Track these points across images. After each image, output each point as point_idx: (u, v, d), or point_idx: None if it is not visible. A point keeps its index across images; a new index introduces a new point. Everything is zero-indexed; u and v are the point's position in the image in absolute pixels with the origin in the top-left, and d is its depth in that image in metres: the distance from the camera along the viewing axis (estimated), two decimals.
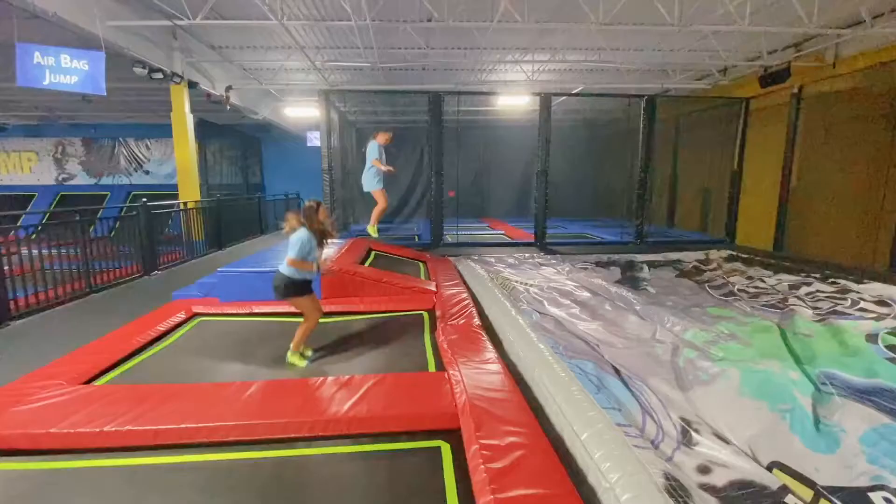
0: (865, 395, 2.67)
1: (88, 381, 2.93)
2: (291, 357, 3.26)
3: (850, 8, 6.24)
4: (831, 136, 7.91)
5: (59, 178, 15.68)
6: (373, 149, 5.75)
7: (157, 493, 1.98)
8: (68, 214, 5.33)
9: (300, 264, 3.22)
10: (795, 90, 8.18)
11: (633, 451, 1.99)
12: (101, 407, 2.47)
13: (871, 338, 3.48)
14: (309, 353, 3.43)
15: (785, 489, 1.98)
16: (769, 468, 2.20)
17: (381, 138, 5.86)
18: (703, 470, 2.12)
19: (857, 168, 7.47)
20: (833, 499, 2.01)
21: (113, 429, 2.28)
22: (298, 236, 3.22)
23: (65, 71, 5.14)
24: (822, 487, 2.07)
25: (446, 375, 2.86)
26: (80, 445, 2.26)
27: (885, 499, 1.99)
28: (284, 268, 3.24)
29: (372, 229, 7.03)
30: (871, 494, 2.02)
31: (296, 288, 3.29)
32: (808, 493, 2.06)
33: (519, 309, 4.18)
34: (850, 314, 4.08)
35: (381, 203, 6.06)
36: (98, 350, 3.31)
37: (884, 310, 4.17)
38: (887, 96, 7.03)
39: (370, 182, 5.81)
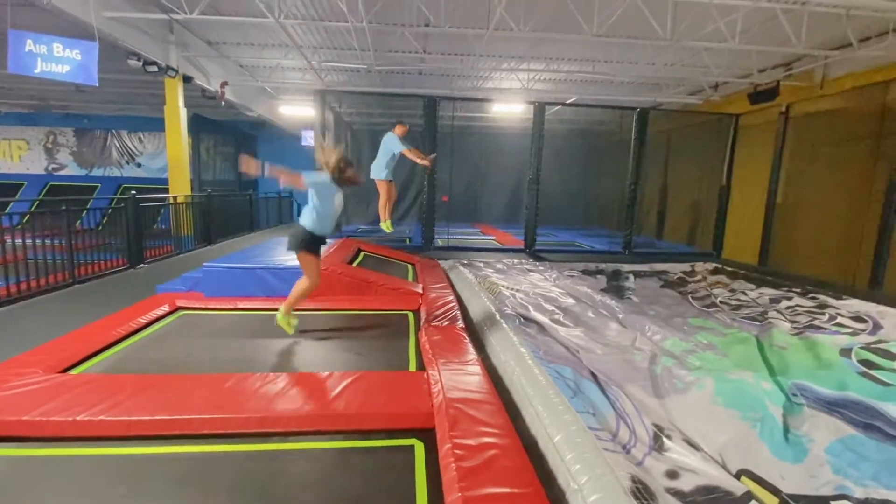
0: (835, 406, 2.72)
1: (65, 371, 2.91)
2: (281, 319, 3.27)
3: (837, 30, 6.41)
4: (817, 154, 8.08)
5: (49, 168, 15.53)
6: (394, 140, 5.69)
7: (128, 483, 1.96)
8: (55, 205, 5.28)
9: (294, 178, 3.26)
10: (783, 109, 8.35)
11: (602, 454, 2.01)
12: (75, 396, 2.45)
13: (845, 352, 3.55)
14: (295, 321, 3.53)
15: (749, 495, 2.02)
16: (737, 475, 2.24)
17: (400, 130, 5.80)
18: (672, 475, 2.15)
19: (841, 187, 7.63)
20: None
21: (86, 418, 2.26)
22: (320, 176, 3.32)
23: (57, 60, 5.12)
24: (787, 495, 2.12)
25: (425, 375, 2.87)
26: (51, 433, 2.24)
27: None
28: (304, 220, 3.32)
29: (385, 225, 6.44)
30: (833, 503, 2.07)
31: (309, 243, 3.31)
32: (773, 501, 2.10)
33: (503, 313, 4.21)
34: (827, 329, 4.16)
35: (384, 195, 5.85)
36: (76, 340, 3.28)
37: (860, 325, 4.26)
38: (872, 118, 7.20)
39: (378, 170, 5.68)
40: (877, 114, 7.15)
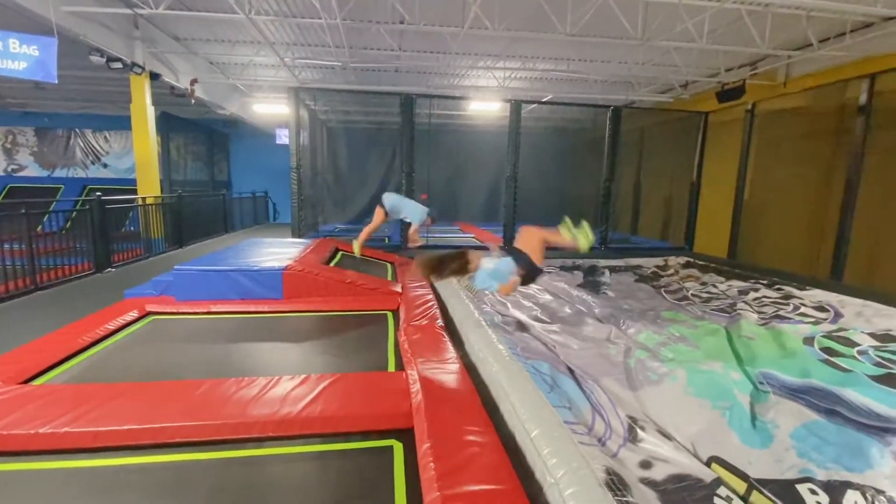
0: (798, 393, 2.83)
1: (27, 381, 2.79)
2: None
3: (798, 31, 6.66)
4: (781, 151, 8.38)
5: (8, 170, 14.82)
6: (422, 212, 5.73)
7: (97, 497, 1.90)
8: (14, 208, 5.05)
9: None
10: (749, 107, 8.62)
11: (578, 447, 2.05)
12: (38, 408, 2.35)
13: (808, 340, 3.70)
14: None
15: (718, 481, 2.08)
16: (708, 463, 2.31)
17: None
18: (645, 465, 2.20)
19: (804, 182, 7.95)
20: (764, 490, 2.13)
21: (49, 430, 2.18)
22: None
23: (13, 56, 4.88)
24: (755, 480, 2.19)
25: (404, 375, 2.86)
26: (12, 448, 2.14)
27: (811, 490, 2.13)
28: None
29: (357, 248, 5.82)
30: (798, 486, 2.16)
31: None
32: (741, 486, 2.17)
33: (482, 311, 4.23)
34: (791, 318, 4.33)
35: (377, 222, 5.67)
36: (39, 348, 3.15)
37: (821, 314, 4.44)
38: (832, 115, 7.51)
39: (391, 204, 5.57)
40: (836, 111, 7.47)
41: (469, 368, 3.10)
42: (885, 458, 2.22)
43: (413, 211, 5.68)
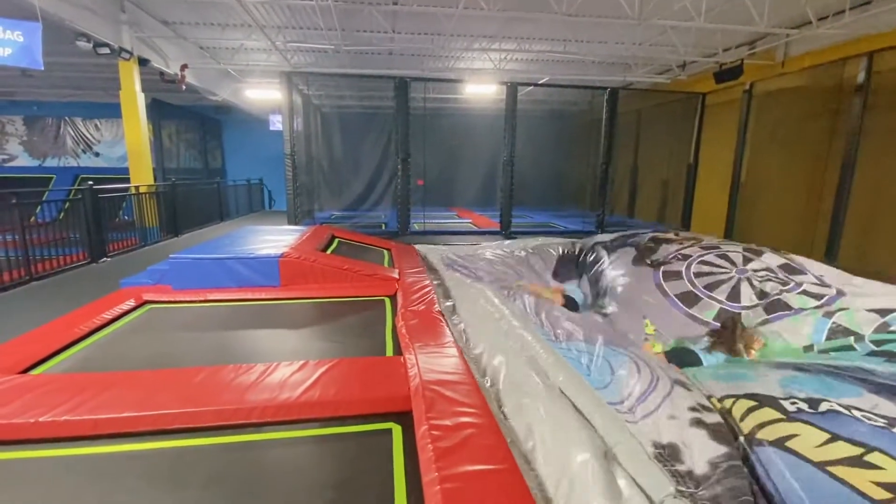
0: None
1: (25, 371, 2.79)
2: None
3: (797, 9, 6.55)
4: (778, 131, 8.34)
5: None
6: None
7: (97, 483, 1.92)
8: (5, 198, 4.99)
9: None
10: (747, 87, 8.54)
11: (627, 426, 2.12)
12: (37, 397, 2.36)
13: (808, 348, 3.69)
14: None
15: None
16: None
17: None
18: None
19: (799, 163, 7.92)
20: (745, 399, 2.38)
21: (49, 419, 2.19)
22: None
23: None
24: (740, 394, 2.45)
25: (402, 359, 2.88)
26: (11, 437, 2.15)
27: (792, 402, 2.34)
28: None
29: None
30: (781, 401, 2.35)
31: None
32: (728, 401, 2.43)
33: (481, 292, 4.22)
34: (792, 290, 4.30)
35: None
36: (36, 339, 3.15)
37: (825, 289, 4.38)
38: (829, 95, 7.45)
39: None
40: (834, 91, 7.41)
41: (467, 352, 3.11)
42: (859, 393, 2.39)
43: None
